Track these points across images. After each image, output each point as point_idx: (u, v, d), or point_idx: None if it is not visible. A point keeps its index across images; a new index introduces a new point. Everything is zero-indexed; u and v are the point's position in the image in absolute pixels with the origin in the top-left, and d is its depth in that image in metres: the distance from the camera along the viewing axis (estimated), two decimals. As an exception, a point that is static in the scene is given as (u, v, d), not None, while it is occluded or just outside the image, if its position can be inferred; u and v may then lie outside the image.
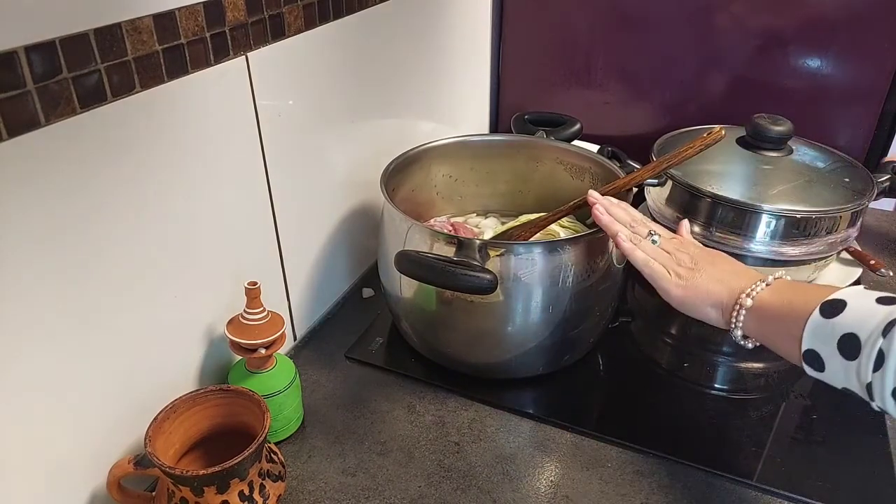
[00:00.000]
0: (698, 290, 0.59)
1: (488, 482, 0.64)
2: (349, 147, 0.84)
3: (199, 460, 0.61)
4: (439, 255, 0.65)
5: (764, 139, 0.89)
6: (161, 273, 0.59)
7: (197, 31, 0.56)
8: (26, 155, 0.45)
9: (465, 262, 0.64)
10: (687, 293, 0.59)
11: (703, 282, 0.59)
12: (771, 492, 0.63)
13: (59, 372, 0.51)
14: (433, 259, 0.64)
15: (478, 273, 0.62)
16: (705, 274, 0.60)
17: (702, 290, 0.59)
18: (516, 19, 1.21)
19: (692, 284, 0.59)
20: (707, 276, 0.60)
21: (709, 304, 0.59)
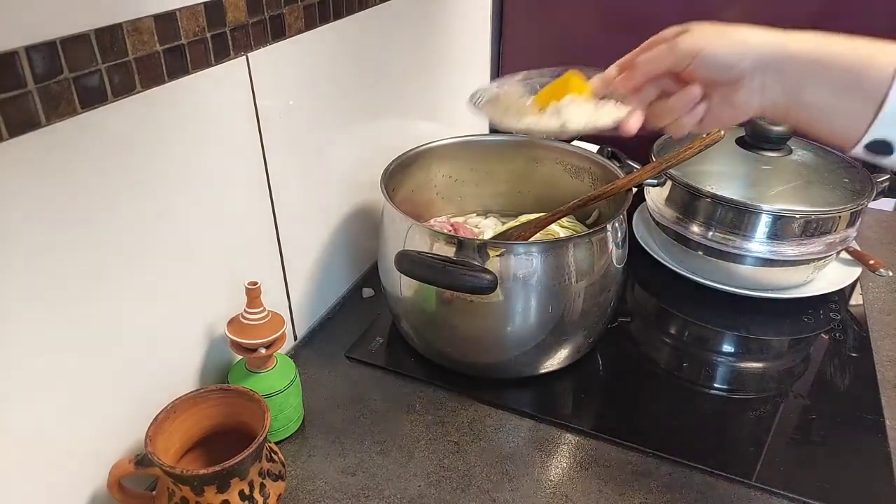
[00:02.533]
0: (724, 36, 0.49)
1: (488, 482, 0.64)
2: (349, 147, 0.84)
3: (199, 460, 0.62)
4: (439, 255, 0.65)
5: (763, 139, 0.90)
6: (161, 273, 0.59)
7: (198, 32, 0.56)
8: (27, 155, 0.45)
9: (465, 262, 0.64)
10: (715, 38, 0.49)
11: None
12: (770, 491, 0.63)
13: (59, 371, 0.51)
14: (433, 259, 0.64)
15: (478, 273, 0.62)
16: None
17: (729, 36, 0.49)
18: (516, 19, 1.21)
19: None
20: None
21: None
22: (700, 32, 0.49)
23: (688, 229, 0.89)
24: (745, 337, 0.86)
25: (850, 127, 0.44)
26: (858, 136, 0.43)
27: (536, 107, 0.58)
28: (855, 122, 0.43)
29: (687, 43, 0.49)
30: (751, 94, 0.48)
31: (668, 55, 0.50)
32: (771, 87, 0.47)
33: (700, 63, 0.48)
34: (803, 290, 0.89)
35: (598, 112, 0.55)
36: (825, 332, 0.86)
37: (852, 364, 0.81)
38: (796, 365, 0.82)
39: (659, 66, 0.51)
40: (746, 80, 0.48)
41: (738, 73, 0.47)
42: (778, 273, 0.87)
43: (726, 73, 0.48)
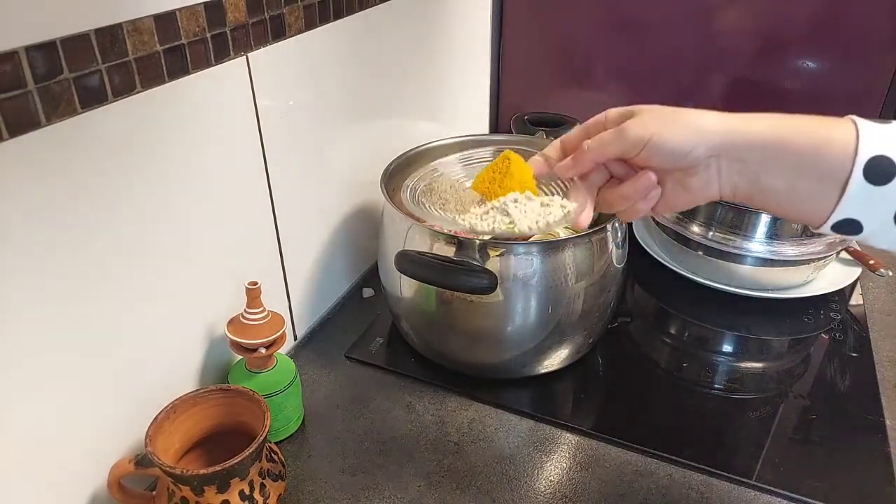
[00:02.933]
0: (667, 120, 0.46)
1: (488, 482, 0.64)
2: (349, 147, 0.84)
3: (199, 460, 0.62)
4: (439, 255, 0.65)
5: (763, 140, 0.89)
6: (161, 273, 0.59)
7: (198, 32, 0.57)
8: (27, 155, 0.45)
9: (465, 262, 0.64)
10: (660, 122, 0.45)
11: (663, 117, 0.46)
12: (770, 491, 0.63)
13: (59, 371, 0.51)
14: (433, 259, 0.64)
15: (478, 273, 0.62)
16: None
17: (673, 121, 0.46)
18: (516, 19, 1.21)
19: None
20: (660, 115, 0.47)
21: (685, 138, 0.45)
22: (649, 117, 0.46)
23: (688, 229, 0.89)
24: (745, 337, 0.86)
25: (815, 208, 0.42)
26: (824, 218, 0.42)
27: (478, 195, 0.54)
28: (819, 203, 0.42)
29: (636, 129, 0.46)
30: (707, 180, 0.46)
31: (617, 142, 0.47)
32: (728, 173, 0.45)
33: (651, 150, 0.45)
34: (803, 290, 0.89)
35: (546, 210, 0.51)
36: (825, 332, 0.86)
37: (852, 364, 0.81)
38: (796, 365, 0.82)
39: (606, 153, 0.48)
40: (702, 166, 0.45)
41: (692, 160, 0.45)
42: (778, 273, 0.87)
43: (680, 160, 0.45)
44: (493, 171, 0.54)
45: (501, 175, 0.53)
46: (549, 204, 0.51)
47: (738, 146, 0.44)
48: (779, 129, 0.43)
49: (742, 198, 0.46)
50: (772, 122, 0.44)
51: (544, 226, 0.50)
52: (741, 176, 0.44)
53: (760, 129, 0.43)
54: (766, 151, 0.43)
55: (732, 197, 0.46)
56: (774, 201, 0.44)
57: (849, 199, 0.40)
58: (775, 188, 0.43)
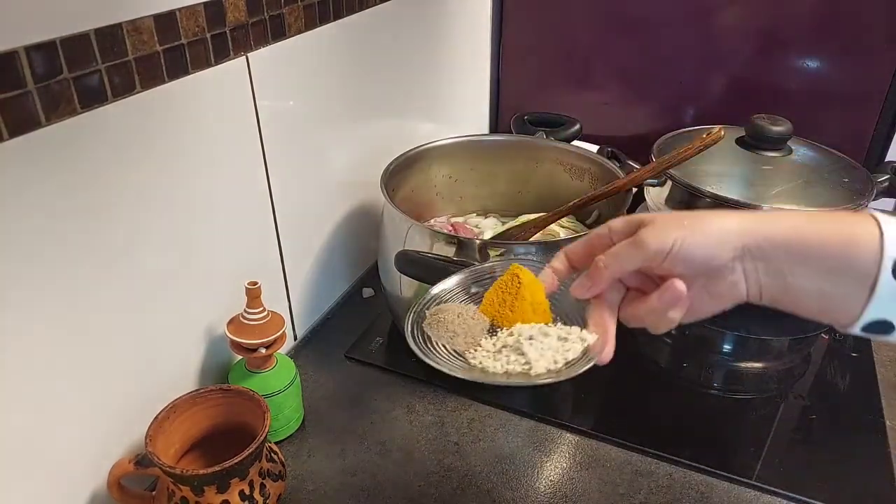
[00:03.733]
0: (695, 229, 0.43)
1: (488, 482, 0.64)
2: (349, 147, 0.84)
3: (199, 460, 0.62)
4: (439, 255, 0.65)
5: (763, 139, 0.89)
6: (161, 273, 0.59)
7: (197, 32, 0.56)
8: (27, 155, 0.45)
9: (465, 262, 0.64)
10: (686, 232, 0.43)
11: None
12: (770, 491, 0.63)
13: (59, 371, 0.51)
14: (433, 259, 0.64)
15: (478, 273, 0.62)
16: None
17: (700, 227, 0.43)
18: (516, 19, 1.21)
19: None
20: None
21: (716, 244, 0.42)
22: (665, 225, 0.43)
23: (688, 229, 0.89)
24: (744, 337, 0.86)
25: (845, 309, 0.41)
26: (854, 318, 0.40)
27: (487, 319, 0.49)
28: (848, 303, 0.40)
29: (657, 239, 0.43)
30: (734, 283, 0.44)
31: (636, 255, 0.44)
32: (754, 274, 0.43)
33: (675, 259, 0.42)
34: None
35: (564, 345, 0.46)
36: (825, 332, 0.86)
37: (852, 364, 0.80)
38: (796, 365, 0.82)
39: (625, 268, 0.45)
40: (727, 270, 0.43)
41: (718, 266, 0.43)
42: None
43: (704, 266, 0.43)
44: (503, 290, 0.49)
45: (512, 296, 0.49)
46: (567, 338, 0.47)
47: (762, 247, 0.42)
48: (801, 230, 0.41)
49: (770, 299, 0.44)
50: (793, 222, 0.42)
51: (563, 367, 0.45)
52: (768, 277, 0.43)
53: (783, 229, 0.42)
54: (791, 252, 0.41)
55: (760, 298, 0.44)
56: (804, 302, 0.43)
57: (879, 299, 0.39)
58: (803, 288, 0.42)
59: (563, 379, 0.45)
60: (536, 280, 0.48)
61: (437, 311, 0.50)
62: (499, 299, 0.49)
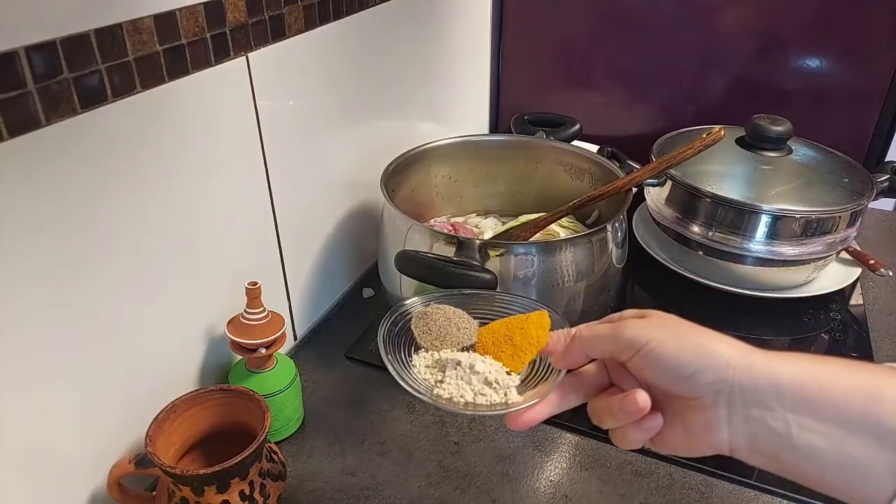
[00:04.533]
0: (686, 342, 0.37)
1: (488, 482, 0.64)
2: (349, 147, 0.84)
3: (199, 460, 0.62)
4: (439, 255, 0.65)
5: (763, 139, 0.90)
6: (161, 273, 0.59)
7: (197, 32, 0.57)
8: (27, 155, 0.45)
9: (465, 262, 0.64)
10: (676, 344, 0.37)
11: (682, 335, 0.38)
12: (770, 491, 0.63)
13: (59, 371, 0.51)
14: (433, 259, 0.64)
15: (478, 273, 0.62)
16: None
17: (691, 342, 0.38)
18: (516, 19, 1.21)
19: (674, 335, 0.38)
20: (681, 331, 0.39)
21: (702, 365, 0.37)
22: (656, 322, 0.39)
23: (688, 229, 0.89)
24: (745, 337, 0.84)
25: (870, 479, 0.32)
26: (886, 496, 0.32)
27: (475, 339, 0.48)
28: (876, 472, 0.32)
29: (634, 330, 0.38)
30: (712, 422, 0.36)
31: (609, 339, 0.40)
32: (743, 421, 0.35)
33: (644, 359, 0.37)
34: (803, 290, 0.89)
35: (485, 388, 0.45)
36: (825, 332, 0.86)
37: (852, 364, 0.80)
38: (796, 365, 0.82)
39: (595, 347, 0.41)
40: (706, 400, 0.36)
41: (693, 389, 0.36)
42: (778, 273, 0.87)
43: (677, 382, 0.37)
44: (506, 325, 0.47)
45: (507, 332, 0.47)
46: (494, 385, 0.45)
47: (760, 387, 0.34)
48: (816, 373, 0.34)
49: (765, 455, 0.36)
50: (805, 364, 0.35)
51: (463, 405, 0.44)
52: (761, 425, 0.35)
53: (792, 370, 0.35)
54: (800, 398, 0.34)
55: (748, 454, 0.36)
56: (814, 466, 0.34)
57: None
58: (814, 446, 0.33)
59: (451, 410, 0.45)
60: (543, 334, 0.46)
61: (437, 308, 0.50)
62: (497, 329, 0.48)
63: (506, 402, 0.44)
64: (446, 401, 0.44)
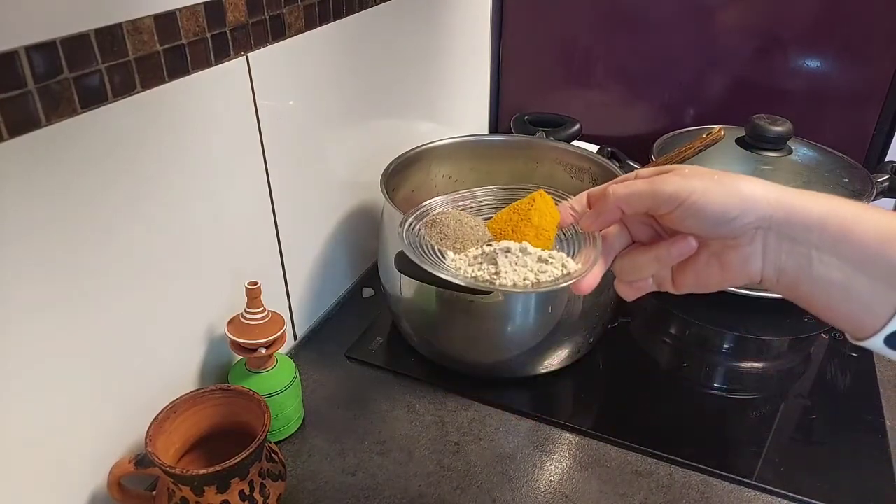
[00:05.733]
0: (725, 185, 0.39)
1: (488, 482, 0.64)
2: (349, 147, 0.84)
3: (199, 460, 0.62)
4: (439, 255, 0.65)
5: (763, 139, 0.90)
6: (161, 273, 0.59)
7: (198, 32, 0.56)
8: (27, 155, 0.45)
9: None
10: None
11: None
12: (770, 491, 0.63)
13: (59, 371, 0.51)
14: (433, 259, 0.64)
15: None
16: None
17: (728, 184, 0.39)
18: (516, 19, 1.21)
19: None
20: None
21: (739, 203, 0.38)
22: (691, 174, 0.40)
23: (688, 229, 0.89)
24: (745, 337, 0.86)
25: (869, 313, 0.36)
26: (877, 326, 0.36)
27: (489, 234, 0.48)
28: (874, 307, 0.36)
29: (675, 183, 0.39)
30: (748, 257, 0.39)
31: (650, 194, 0.40)
32: (775, 253, 0.38)
33: (688, 210, 0.39)
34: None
35: (541, 266, 0.45)
36: (825, 332, 0.86)
37: (852, 364, 0.81)
38: (796, 365, 0.82)
39: (634, 203, 0.41)
40: (744, 239, 0.39)
41: (735, 230, 0.39)
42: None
43: (719, 227, 0.39)
44: (515, 210, 0.48)
45: (519, 216, 0.47)
46: (549, 260, 0.45)
47: (792, 223, 0.37)
48: (840, 213, 0.37)
49: (786, 286, 0.39)
50: (832, 204, 0.37)
51: (531, 284, 0.45)
52: (791, 258, 0.38)
53: (820, 208, 0.37)
54: (825, 234, 0.37)
55: (776, 283, 0.40)
56: (824, 296, 0.38)
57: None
58: (829, 279, 0.37)
59: (527, 292, 0.45)
60: (554, 210, 0.47)
61: (440, 214, 0.50)
62: (506, 217, 0.48)
63: (568, 273, 0.45)
64: (515, 287, 0.45)
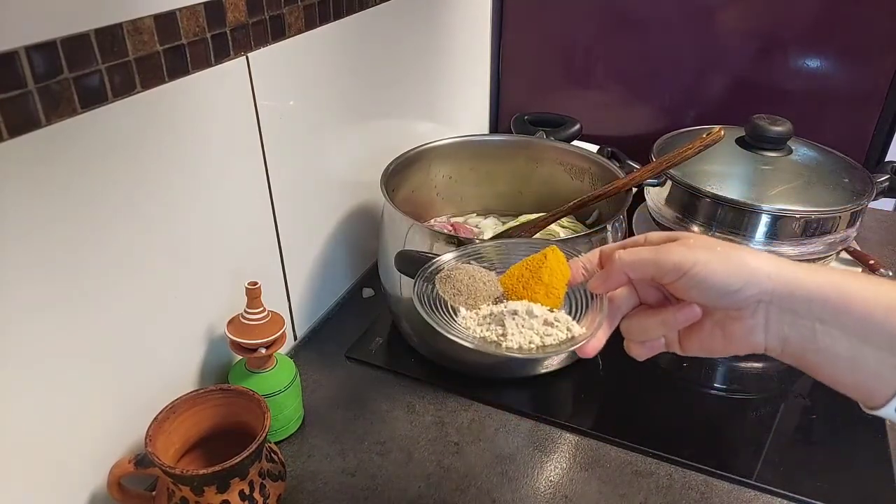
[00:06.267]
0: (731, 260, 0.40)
1: (488, 482, 0.64)
2: (349, 147, 0.84)
3: (199, 460, 0.62)
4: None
5: (763, 139, 0.90)
6: (161, 273, 0.59)
7: (198, 32, 0.57)
8: (27, 155, 0.45)
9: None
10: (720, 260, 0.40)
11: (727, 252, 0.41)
12: (770, 491, 0.63)
13: (59, 371, 0.51)
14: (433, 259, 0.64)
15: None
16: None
17: (735, 259, 0.40)
18: (516, 19, 1.21)
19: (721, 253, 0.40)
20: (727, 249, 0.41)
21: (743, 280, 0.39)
22: (696, 244, 0.41)
23: (688, 229, 0.89)
24: (745, 337, 0.86)
25: (879, 382, 0.37)
26: (890, 393, 0.37)
27: (500, 289, 0.49)
28: (882, 377, 0.37)
29: (679, 253, 0.40)
30: (752, 328, 0.41)
31: (651, 264, 0.41)
32: (777, 325, 0.40)
33: (690, 281, 0.40)
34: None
35: (546, 329, 0.46)
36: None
37: (852, 364, 0.80)
38: (796, 365, 0.82)
39: (638, 269, 0.43)
40: (747, 311, 0.40)
41: (737, 303, 0.40)
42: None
43: (722, 299, 0.40)
44: (527, 266, 0.48)
45: (531, 273, 0.48)
46: (554, 323, 0.46)
47: (795, 296, 0.39)
48: (842, 286, 0.38)
49: (792, 356, 0.41)
50: (834, 277, 0.39)
51: (536, 349, 0.45)
52: (794, 329, 0.39)
53: (821, 281, 0.38)
54: (827, 307, 0.38)
55: (780, 353, 0.41)
56: (831, 366, 0.39)
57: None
58: (834, 350, 0.38)
59: (532, 357, 0.46)
60: (565, 266, 0.48)
61: (454, 268, 0.50)
62: (518, 273, 0.49)
63: (572, 336, 0.45)
64: (521, 350, 0.45)
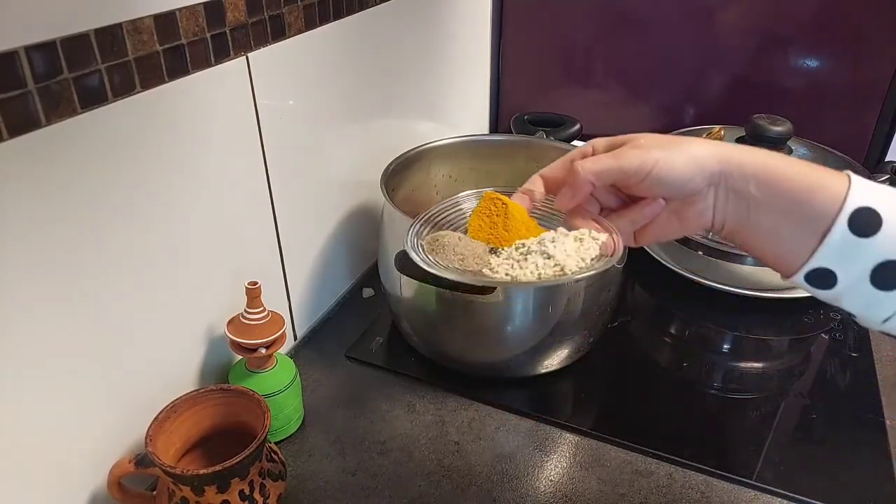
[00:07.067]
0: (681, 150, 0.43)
1: (488, 482, 0.64)
2: (349, 147, 0.84)
3: (199, 460, 0.62)
4: (439, 255, 0.65)
5: (763, 139, 0.90)
6: (162, 273, 0.59)
7: (197, 32, 0.57)
8: (27, 155, 0.45)
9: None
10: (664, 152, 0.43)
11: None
12: (770, 491, 0.63)
13: (59, 371, 0.51)
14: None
15: (477, 273, 0.62)
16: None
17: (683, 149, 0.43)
18: (516, 19, 1.21)
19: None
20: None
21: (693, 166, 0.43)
22: (647, 144, 0.44)
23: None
24: (745, 337, 0.86)
25: (793, 254, 0.41)
26: (798, 265, 0.41)
27: (483, 244, 0.49)
28: (797, 249, 0.41)
29: (638, 157, 0.43)
30: (703, 210, 0.44)
31: (616, 168, 0.44)
32: (722, 203, 0.44)
33: (653, 180, 0.43)
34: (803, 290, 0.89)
35: (581, 245, 0.46)
36: (825, 332, 0.86)
37: (852, 364, 0.81)
38: (796, 365, 0.82)
39: (603, 177, 0.45)
40: (700, 196, 0.44)
41: (692, 190, 0.43)
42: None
43: (680, 189, 0.44)
44: (488, 215, 0.49)
45: (502, 218, 0.49)
46: (582, 238, 0.47)
47: (734, 176, 0.42)
48: (772, 167, 0.42)
49: (728, 232, 0.45)
50: (765, 158, 0.42)
51: (588, 265, 0.46)
52: (732, 206, 0.43)
53: (755, 162, 0.42)
54: (759, 186, 0.42)
55: (720, 230, 0.45)
56: (756, 240, 0.43)
57: (827, 247, 0.40)
58: (760, 225, 0.42)
59: (593, 273, 0.46)
60: (514, 204, 0.49)
61: (436, 238, 0.50)
62: (488, 224, 0.49)
63: (602, 244, 0.47)
64: (587, 269, 0.46)
